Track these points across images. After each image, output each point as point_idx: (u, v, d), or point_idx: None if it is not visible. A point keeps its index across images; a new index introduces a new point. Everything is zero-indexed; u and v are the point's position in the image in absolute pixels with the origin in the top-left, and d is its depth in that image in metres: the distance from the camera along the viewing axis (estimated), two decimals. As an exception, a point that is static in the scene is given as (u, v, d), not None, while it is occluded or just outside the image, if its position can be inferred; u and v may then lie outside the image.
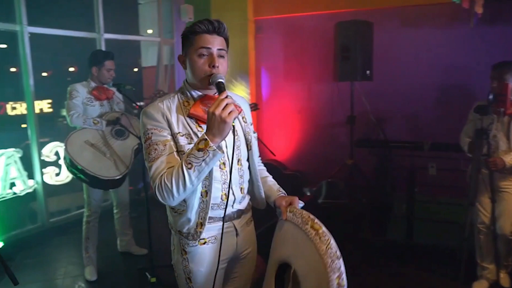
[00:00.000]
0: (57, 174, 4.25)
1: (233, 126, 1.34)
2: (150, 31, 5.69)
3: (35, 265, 3.64)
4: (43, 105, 4.79)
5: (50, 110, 4.84)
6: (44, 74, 5.61)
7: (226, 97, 1.33)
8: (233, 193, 1.59)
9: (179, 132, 1.47)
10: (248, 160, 1.67)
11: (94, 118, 3.17)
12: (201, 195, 1.51)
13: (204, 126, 1.47)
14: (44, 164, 4.18)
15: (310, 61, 5.22)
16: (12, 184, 3.96)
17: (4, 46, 4.21)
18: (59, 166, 4.25)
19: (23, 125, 4.21)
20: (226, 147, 1.54)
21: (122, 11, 5.46)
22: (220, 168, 1.53)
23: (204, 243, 1.58)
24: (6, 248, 3.68)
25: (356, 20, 4.37)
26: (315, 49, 5.16)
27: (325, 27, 4.87)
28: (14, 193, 3.97)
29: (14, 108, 4.36)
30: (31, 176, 4.12)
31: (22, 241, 3.96)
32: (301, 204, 1.62)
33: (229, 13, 5.52)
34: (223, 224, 1.54)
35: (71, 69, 5.96)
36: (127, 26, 5.48)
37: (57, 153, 4.18)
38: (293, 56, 5.36)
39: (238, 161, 1.59)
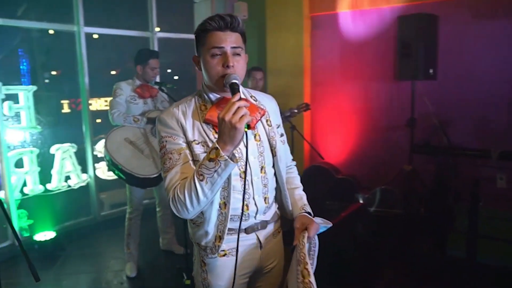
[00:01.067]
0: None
1: (245, 132, 1.20)
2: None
3: (83, 257, 3.77)
4: (102, 103, 4.99)
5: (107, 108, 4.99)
6: (113, 72, 5.86)
7: (240, 99, 1.21)
8: (255, 204, 1.46)
9: (194, 140, 1.37)
10: (274, 167, 1.52)
11: (135, 116, 3.19)
12: (220, 207, 1.40)
13: None
14: (97, 159, 4.34)
15: (368, 58, 4.88)
16: (67, 178, 4.15)
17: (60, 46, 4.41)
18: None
19: (98, 120, 4.40)
20: (247, 154, 1.39)
21: (178, 10, 5.51)
22: (240, 177, 1.41)
23: (224, 255, 1.47)
24: (58, 238, 3.86)
25: (419, 13, 3.98)
26: (374, 46, 4.81)
27: (386, 22, 4.53)
28: (69, 186, 4.16)
29: (90, 105, 4.51)
30: (84, 170, 4.29)
31: (74, 232, 4.14)
32: (323, 228, 1.47)
33: (285, 9, 5.35)
34: (238, 239, 1.39)
35: (122, 68, 6.16)
36: (182, 25, 5.53)
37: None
38: (350, 53, 5.05)
39: (261, 169, 1.47)
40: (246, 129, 1.20)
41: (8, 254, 3.68)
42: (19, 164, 3.80)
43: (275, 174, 1.54)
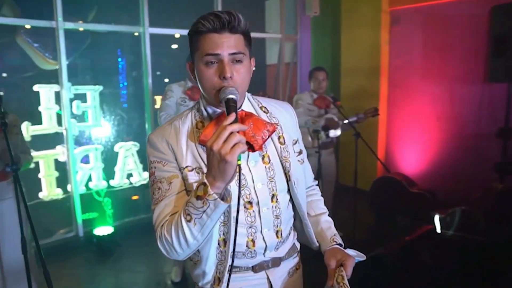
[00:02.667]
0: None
1: (239, 165, 0.97)
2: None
3: (137, 254, 3.83)
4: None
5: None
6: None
7: (236, 121, 0.98)
8: (263, 239, 1.21)
9: (187, 166, 1.15)
10: (289, 192, 1.26)
11: None
12: (219, 244, 1.18)
13: None
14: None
15: (455, 57, 4.24)
16: (129, 175, 4.27)
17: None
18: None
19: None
20: (253, 180, 1.18)
21: (249, 8, 5.38)
22: (245, 207, 1.18)
23: None
24: (115, 233, 3.98)
25: (518, 2, 3.33)
26: (462, 42, 4.16)
27: (476, 14, 3.88)
28: (130, 183, 4.27)
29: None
30: (146, 169, 4.38)
31: (132, 229, 4.24)
32: (359, 258, 1.25)
33: (361, 4, 4.93)
34: (228, 279, 1.15)
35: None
36: (252, 23, 5.39)
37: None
38: (434, 51, 4.45)
39: (272, 197, 1.21)
40: (239, 162, 0.97)
41: (70, 244, 3.88)
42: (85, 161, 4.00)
43: (291, 200, 1.28)
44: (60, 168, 3.82)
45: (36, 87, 3.59)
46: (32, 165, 3.63)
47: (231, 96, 1.06)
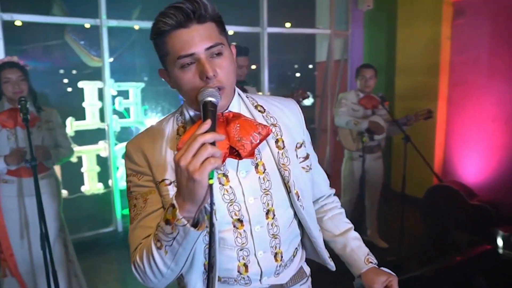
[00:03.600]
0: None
1: (210, 184, 0.79)
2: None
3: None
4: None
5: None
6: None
7: (213, 130, 0.81)
8: (258, 263, 1.04)
9: (163, 180, 0.98)
10: (292, 206, 1.08)
11: None
12: (204, 268, 1.02)
13: None
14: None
15: (528, 52, 3.73)
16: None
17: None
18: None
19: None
20: (243, 194, 1.01)
21: (299, 2, 5.17)
22: (234, 227, 1.01)
23: None
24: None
25: None
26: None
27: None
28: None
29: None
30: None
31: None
32: None
33: (421, -4, 4.52)
34: None
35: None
36: (302, 19, 5.18)
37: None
38: (503, 46, 3.95)
39: (267, 213, 1.03)
40: (211, 181, 0.78)
41: (109, 239, 3.95)
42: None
43: (295, 215, 1.10)
44: (102, 163, 3.89)
45: (80, 84, 3.69)
46: (75, 159, 3.75)
47: (209, 98, 0.88)
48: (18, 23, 3.59)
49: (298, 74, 6.17)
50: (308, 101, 5.93)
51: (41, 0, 3.75)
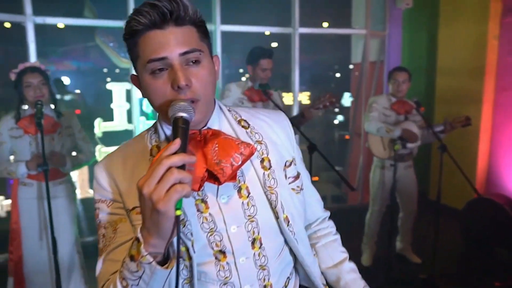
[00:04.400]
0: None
1: (177, 216, 0.69)
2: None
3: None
4: (303, 97, 5.03)
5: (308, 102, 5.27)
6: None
7: (182, 151, 0.71)
8: None
9: (134, 208, 0.87)
10: (283, 234, 0.97)
11: None
12: None
13: None
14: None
15: None
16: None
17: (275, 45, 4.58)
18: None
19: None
20: (225, 222, 0.89)
21: (334, 2, 4.98)
22: (216, 259, 0.89)
23: None
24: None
25: None
26: None
27: None
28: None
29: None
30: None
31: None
32: None
33: (466, -8, 4.21)
34: None
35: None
36: (337, 19, 4.99)
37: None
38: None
39: (253, 243, 0.92)
40: (178, 212, 0.68)
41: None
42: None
43: (286, 242, 0.98)
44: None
45: (109, 86, 3.72)
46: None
47: (180, 114, 0.77)
48: (60, 25, 3.68)
49: (336, 75, 5.97)
50: (347, 101, 5.70)
51: (73, 2, 3.82)
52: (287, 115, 1.11)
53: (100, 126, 3.70)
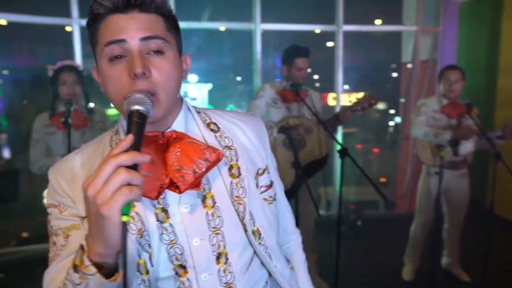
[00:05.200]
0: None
1: (124, 222, 0.61)
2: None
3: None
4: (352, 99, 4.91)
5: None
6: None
7: (135, 149, 0.63)
8: None
9: None
10: (253, 248, 0.89)
11: (267, 122, 2.80)
12: None
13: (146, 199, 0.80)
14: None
15: None
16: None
17: (331, 44, 4.53)
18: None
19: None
20: (186, 234, 0.82)
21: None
22: (176, 274, 0.82)
23: None
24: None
25: None
26: None
27: None
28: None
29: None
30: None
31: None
32: None
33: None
34: None
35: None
36: (387, 15, 4.72)
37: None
38: None
39: (218, 258, 0.84)
40: (124, 218, 0.61)
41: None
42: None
43: (256, 255, 0.89)
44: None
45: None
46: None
47: (136, 107, 0.69)
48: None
49: (384, 75, 5.68)
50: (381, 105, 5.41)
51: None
52: (324, 117, 1.02)
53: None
